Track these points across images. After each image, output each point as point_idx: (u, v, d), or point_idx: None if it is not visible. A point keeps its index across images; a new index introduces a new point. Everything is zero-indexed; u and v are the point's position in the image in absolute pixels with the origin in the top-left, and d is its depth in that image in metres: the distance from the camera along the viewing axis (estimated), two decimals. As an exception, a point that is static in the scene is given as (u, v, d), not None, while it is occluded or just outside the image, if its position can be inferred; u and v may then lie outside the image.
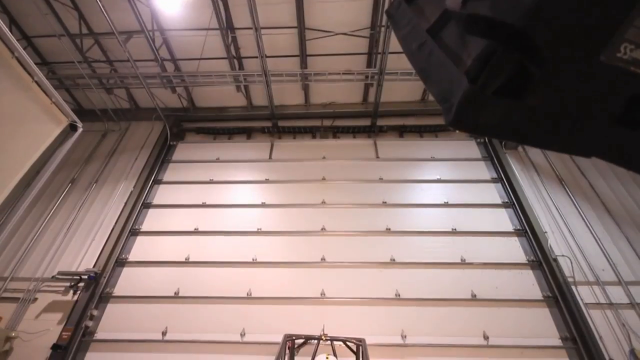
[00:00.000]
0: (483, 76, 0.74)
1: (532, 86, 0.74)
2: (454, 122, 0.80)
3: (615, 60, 0.70)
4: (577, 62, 0.72)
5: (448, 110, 0.81)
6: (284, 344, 3.30)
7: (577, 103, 0.76)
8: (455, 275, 6.14)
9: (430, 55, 0.93)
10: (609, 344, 5.33)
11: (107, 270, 6.31)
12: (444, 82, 0.85)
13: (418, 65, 1.01)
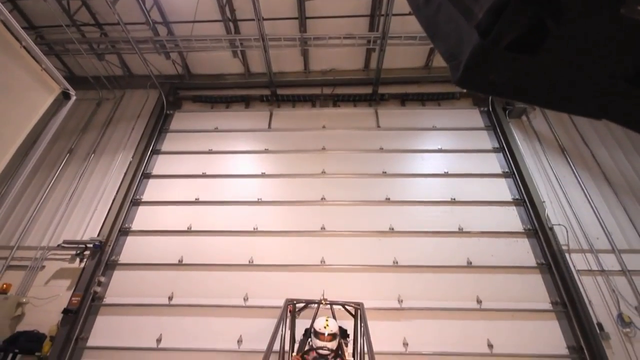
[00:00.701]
0: (495, 30, 0.68)
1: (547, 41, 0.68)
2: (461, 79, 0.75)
3: (637, 13, 0.64)
4: (596, 15, 0.66)
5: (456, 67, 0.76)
6: (286, 307, 3.43)
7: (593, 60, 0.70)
8: (453, 243, 6.27)
9: (438, 9, 0.85)
10: (598, 308, 5.55)
11: (111, 239, 6.43)
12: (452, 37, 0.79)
13: (424, 20, 0.93)
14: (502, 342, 5.30)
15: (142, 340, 5.48)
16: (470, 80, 0.75)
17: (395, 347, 5.27)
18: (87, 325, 5.69)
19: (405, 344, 5.31)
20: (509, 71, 0.72)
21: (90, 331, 5.63)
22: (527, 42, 0.69)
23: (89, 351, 5.46)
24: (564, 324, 5.49)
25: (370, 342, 2.70)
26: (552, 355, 5.20)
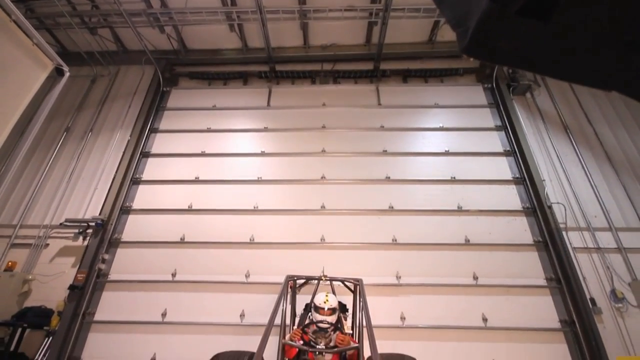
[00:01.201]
0: None
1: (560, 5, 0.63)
2: (469, 47, 0.71)
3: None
4: None
5: (463, 34, 0.71)
6: (286, 283, 3.50)
7: (610, 26, 0.66)
8: (451, 221, 6.33)
9: (446, -27, 0.79)
10: (592, 284, 5.68)
11: (113, 218, 6.48)
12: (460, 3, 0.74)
13: None
14: (496, 316, 5.46)
15: (148, 314, 5.64)
16: (477, 47, 0.71)
17: (392, 321, 5.44)
18: (94, 300, 5.84)
19: (402, 318, 5.47)
20: (517, 38, 0.68)
21: (97, 306, 5.79)
22: (539, 6, 0.64)
23: (96, 325, 5.64)
24: (557, 299, 5.63)
25: (369, 316, 2.77)
26: (544, 329, 5.37)
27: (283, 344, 2.85)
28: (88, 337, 5.55)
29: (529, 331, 5.34)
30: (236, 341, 4.87)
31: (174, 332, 5.50)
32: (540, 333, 5.34)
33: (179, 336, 5.46)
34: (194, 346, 5.31)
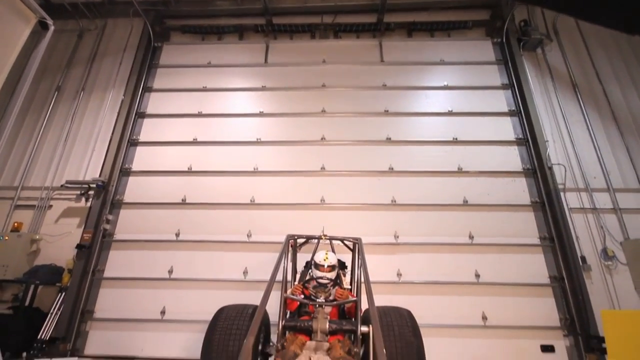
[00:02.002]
0: None
1: None
2: None
3: None
4: None
5: None
6: (287, 243, 3.59)
7: None
8: (451, 182, 6.35)
9: None
10: (584, 243, 5.85)
11: (113, 179, 6.49)
12: None
13: None
14: (488, 272, 5.70)
15: (155, 271, 5.88)
16: None
17: (389, 277, 5.68)
18: (102, 259, 6.05)
19: (399, 275, 5.71)
20: None
21: (105, 264, 6.01)
22: None
23: (106, 281, 5.90)
24: (549, 257, 5.83)
25: (367, 272, 2.87)
26: (533, 284, 5.63)
27: (285, 297, 2.99)
28: (99, 293, 5.84)
29: (518, 286, 5.60)
30: (240, 296, 5.12)
31: (180, 288, 5.77)
32: (529, 288, 5.60)
33: (186, 291, 5.74)
34: (200, 300, 5.60)
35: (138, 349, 5.38)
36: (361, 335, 2.70)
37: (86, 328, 5.61)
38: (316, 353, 2.28)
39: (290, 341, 2.52)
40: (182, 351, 5.26)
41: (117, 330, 5.55)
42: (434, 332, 5.17)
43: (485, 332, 5.35)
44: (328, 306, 3.01)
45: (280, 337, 2.67)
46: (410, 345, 3.27)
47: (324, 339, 2.54)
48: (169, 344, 5.40)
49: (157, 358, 5.23)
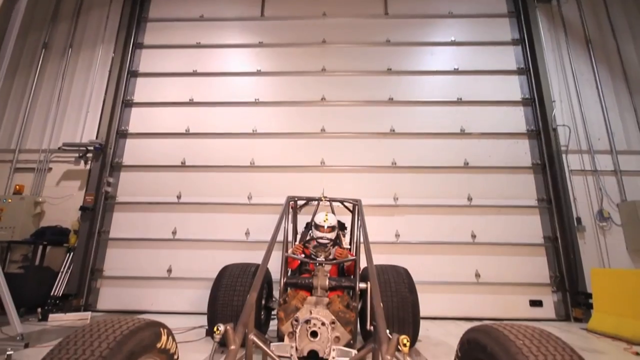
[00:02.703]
0: None
1: None
2: None
3: None
4: None
5: None
6: (287, 204, 3.61)
7: None
8: (453, 144, 6.27)
9: None
10: (581, 205, 5.91)
11: (110, 142, 6.40)
12: None
13: None
14: (484, 233, 5.83)
15: (159, 232, 6.01)
16: None
17: (387, 238, 5.82)
18: (106, 221, 6.16)
19: (397, 235, 5.85)
20: None
21: (110, 225, 6.14)
22: None
23: (113, 242, 6.06)
24: (545, 218, 5.93)
25: (366, 232, 2.91)
26: (527, 244, 5.78)
27: (286, 256, 3.07)
28: (107, 253, 6.02)
29: (512, 246, 5.76)
30: (242, 255, 5.28)
31: (185, 248, 5.94)
32: (523, 248, 5.76)
33: (190, 251, 5.92)
34: (205, 259, 5.79)
35: (148, 304, 5.67)
36: (359, 291, 2.81)
37: (97, 285, 5.86)
38: (316, 307, 2.38)
39: (292, 296, 2.62)
40: (189, 306, 5.54)
41: (126, 287, 5.81)
42: (430, 289, 5.40)
43: (477, 288, 5.59)
44: (328, 264, 3.10)
45: (282, 293, 2.78)
46: (405, 300, 3.43)
47: (324, 294, 2.65)
48: (177, 300, 5.68)
49: (167, 312, 5.52)
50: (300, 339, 2.14)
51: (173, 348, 1.53)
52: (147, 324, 1.39)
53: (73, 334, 1.28)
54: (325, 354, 2.11)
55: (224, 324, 1.36)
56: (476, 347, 1.43)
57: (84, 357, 1.15)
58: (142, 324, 1.37)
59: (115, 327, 1.30)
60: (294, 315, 2.26)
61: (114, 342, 1.21)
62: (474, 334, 1.48)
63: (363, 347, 1.92)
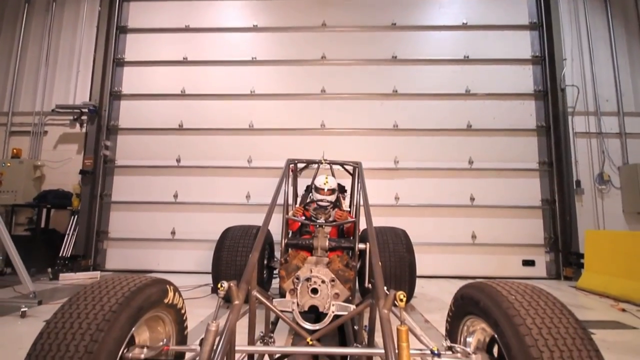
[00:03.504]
0: None
1: None
2: None
3: None
4: None
5: None
6: (287, 167, 3.58)
7: None
8: (456, 106, 6.11)
9: None
10: (582, 168, 5.90)
11: (104, 103, 6.23)
12: None
13: None
14: (483, 196, 5.87)
15: (161, 195, 6.06)
16: None
17: (387, 200, 5.88)
18: (107, 184, 6.18)
19: (396, 198, 5.90)
20: None
21: (111, 189, 6.17)
22: None
23: (115, 205, 6.13)
24: (545, 181, 5.94)
25: (366, 195, 2.92)
26: (525, 207, 5.85)
27: (287, 218, 3.11)
28: (110, 215, 6.12)
29: (510, 208, 5.83)
30: (244, 218, 5.35)
31: (187, 211, 6.03)
32: (521, 210, 5.84)
33: (192, 214, 6.01)
34: (207, 222, 5.89)
35: (154, 263, 5.88)
36: (358, 251, 2.88)
37: (104, 247, 6.04)
38: (317, 266, 2.45)
39: (293, 256, 2.69)
40: (194, 266, 5.75)
41: (132, 249, 5.98)
42: (427, 249, 5.56)
43: (473, 249, 5.76)
44: (328, 226, 3.15)
45: (283, 253, 2.85)
46: (403, 260, 3.55)
47: (324, 254, 2.71)
48: (182, 260, 5.87)
49: (173, 271, 5.73)
50: (301, 296, 2.22)
51: (180, 303, 1.59)
52: (153, 281, 1.43)
53: (82, 290, 1.31)
54: (325, 309, 2.21)
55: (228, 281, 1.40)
56: (469, 302, 1.47)
57: (94, 312, 1.19)
58: (149, 281, 1.41)
59: (123, 284, 1.33)
60: (295, 274, 2.33)
61: (123, 298, 1.25)
62: (467, 290, 1.52)
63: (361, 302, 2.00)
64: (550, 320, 1.15)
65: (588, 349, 1.08)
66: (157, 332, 1.53)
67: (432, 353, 1.43)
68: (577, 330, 1.13)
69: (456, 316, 1.61)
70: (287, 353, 1.81)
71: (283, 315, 1.89)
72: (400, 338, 1.17)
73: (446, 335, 1.68)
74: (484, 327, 1.48)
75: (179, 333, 1.59)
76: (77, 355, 1.07)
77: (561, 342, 1.09)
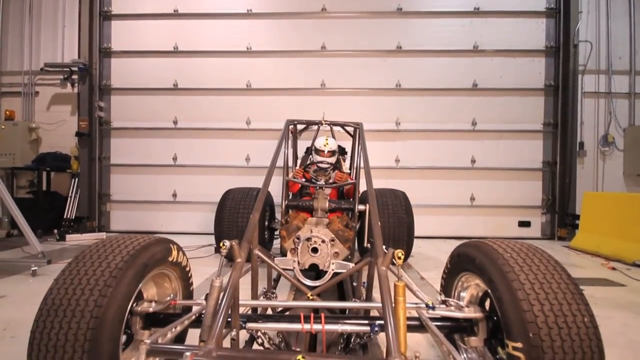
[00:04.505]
0: None
1: None
2: None
3: None
4: None
5: None
6: (287, 128, 3.51)
7: None
8: (463, 64, 5.85)
9: None
10: (587, 129, 5.81)
11: (94, 61, 5.95)
12: None
13: None
14: (485, 158, 5.84)
15: (160, 158, 6.02)
16: None
17: (387, 163, 5.85)
18: (105, 147, 6.12)
19: (397, 161, 5.88)
20: None
21: (109, 152, 6.12)
22: None
23: (114, 168, 6.12)
24: (547, 143, 5.88)
25: (367, 156, 2.90)
26: (526, 169, 5.84)
27: (287, 180, 3.12)
28: (111, 178, 6.14)
29: (511, 171, 5.83)
30: (244, 180, 5.36)
31: (187, 174, 6.03)
32: (521, 172, 5.84)
33: (193, 177, 6.02)
34: (207, 185, 5.91)
35: (158, 225, 6.00)
36: (358, 212, 2.92)
37: (107, 209, 6.13)
38: (317, 227, 2.50)
39: (294, 217, 2.73)
40: (197, 227, 5.87)
41: (135, 211, 6.08)
42: (425, 211, 5.61)
43: (471, 210, 5.85)
44: (328, 188, 3.16)
45: (284, 214, 2.89)
46: (401, 221, 3.62)
47: (324, 215, 2.76)
48: (184, 222, 5.99)
49: (177, 232, 5.87)
50: (301, 255, 2.29)
51: (184, 262, 1.64)
52: (157, 240, 1.46)
53: (87, 249, 1.34)
54: (325, 267, 2.29)
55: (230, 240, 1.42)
56: (465, 260, 1.51)
57: (100, 269, 1.22)
58: (153, 240, 1.44)
59: (127, 243, 1.36)
60: (296, 234, 2.38)
61: (128, 256, 1.28)
62: (464, 248, 1.56)
63: (360, 260, 2.07)
64: (544, 276, 1.18)
65: (578, 303, 1.12)
66: (164, 288, 1.59)
67: (427, 306, 1.49)
68: (568, 286, 1.16)
69: (452, 273, 1.67)
70: (289, 307, 1.90)
71: (284, 273, 1.96)
72: (397, 293, 1.21)
73: (441, 291, 1.75)
74: (478, 283, 1.53)
75: (184, 289, 1.66)
76: (88, 309, 1.12)
77: (552, 296, 1.13)
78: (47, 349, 1.08)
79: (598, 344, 1.07)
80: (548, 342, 1.05)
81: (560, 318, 1.08)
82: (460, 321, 1.48)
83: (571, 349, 1.04)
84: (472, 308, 1.48)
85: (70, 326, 1.09)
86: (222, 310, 1.18)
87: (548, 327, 1.06)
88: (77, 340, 1.08)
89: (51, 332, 1.09)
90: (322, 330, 1.40)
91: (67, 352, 1.07)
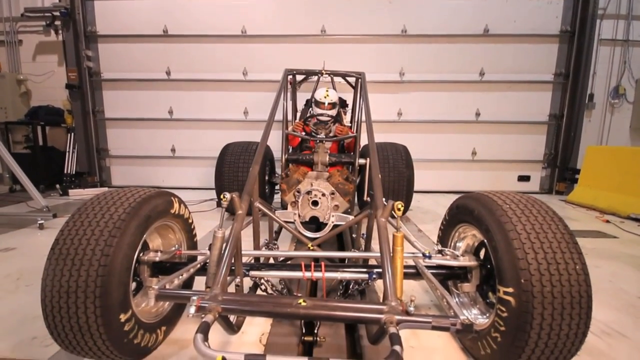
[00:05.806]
0: None
1: None
2: None
3: None
4: None
5: None
6: (285, 78, 3.36)
7: None
8: (473, 5, 5.41)
9: None
10: (599, 80, 5.58)
11: (76, 5, 5.50)
12: None
13: None
14: (490, 110, 5.68)
15: (156, 112, 5.86)
16: None
17: (389, 116, 5.71)
18: (97, 100, 5.91)
19: (399, 114, 5.73)
20: None
21: (103, 105, 5.93)
22: None
23: (111, 122, 5.98)
24: (556, 95, 5.67)
25: (369, 108, 2.81)
26: (531, 122, 5.71)
27: (286, 134, 3.06)
28: (107, 133, 6.03)
29: (515, 124, 5.70)
30: (243, 135, 5.26)
31: (184, 128, 5.91)
32: (526, 126, 5.72)
33: (190, 131, 5.91)
34: (205, 139, 5.83)
35: (159, 180, 6.04)
36: (358, 166, 2.91)
37: (107, 164, 6.12)
38: (317, 180, 2.50)
39: (294, 171, 2.73)
40: (198, 182, 5.91)
41: (135, 166, 6.08)
42: (426, 166, 5.61)
43: (471, 165, 5.84)
44: (328, 141, 3.12)
45: (284, 168, 2.88)
46: (402, 175, 3.63)
47: (324, 169, 2.75)
48: (185, 177, 6.01)
49: (178, 187, 5.93)
50: (302, 207, 2.32)
51: (187, 214, 1.66)
52: (158, 193, 1.46)
53: (89, 201, 1.35)
54: (325, 219, 2.33)
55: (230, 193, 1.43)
56: (464, 211, 1.53)
57: (104, 220, 1.24)
58: (154, 192, 1.44)
59: (128, 196, 1.37)
60: (296, 187, 2.39)
61: (130, 208, 1.29)
62: (463, 200, 1.57)
63: (360, 212, 2.10)
64: (540, 226, 1.20)
65: (572, 252, 1.15)
66: (169, 239, 1.64)
67: (424, 255, 1.55)
68: (564, 236, 1.19)
69: (449, 224, 1.70)
70: (290, 257, 1.97)
71: (285, 224, 2.00)
72: (395, 243, 1.24)
73: (437, 241, 1.81)
74: (475, 234, 1.57)
75: (188, 240, 1.70)
76: (95, 258, 1.15)
77: (547, 245, 1.15)
78: (59, 294, 1.14)
79: (587, 289, 1.11)
80: (538, 287, 1.09)
81: (553, 265, 1.12)
82: (455, 269, 1.54)
83: (560, 293, 1.09)
84: (467, 257, 1.54)
85: (80, 274, 1.14)
86: (226, 259, 1.22)
87: (540, 274, 1.10)
88: (87, 286, 1.13)
89: (62, 280, 1.14)
90: (323, 278, 1.46)
91: (79, 297, 1.13)
